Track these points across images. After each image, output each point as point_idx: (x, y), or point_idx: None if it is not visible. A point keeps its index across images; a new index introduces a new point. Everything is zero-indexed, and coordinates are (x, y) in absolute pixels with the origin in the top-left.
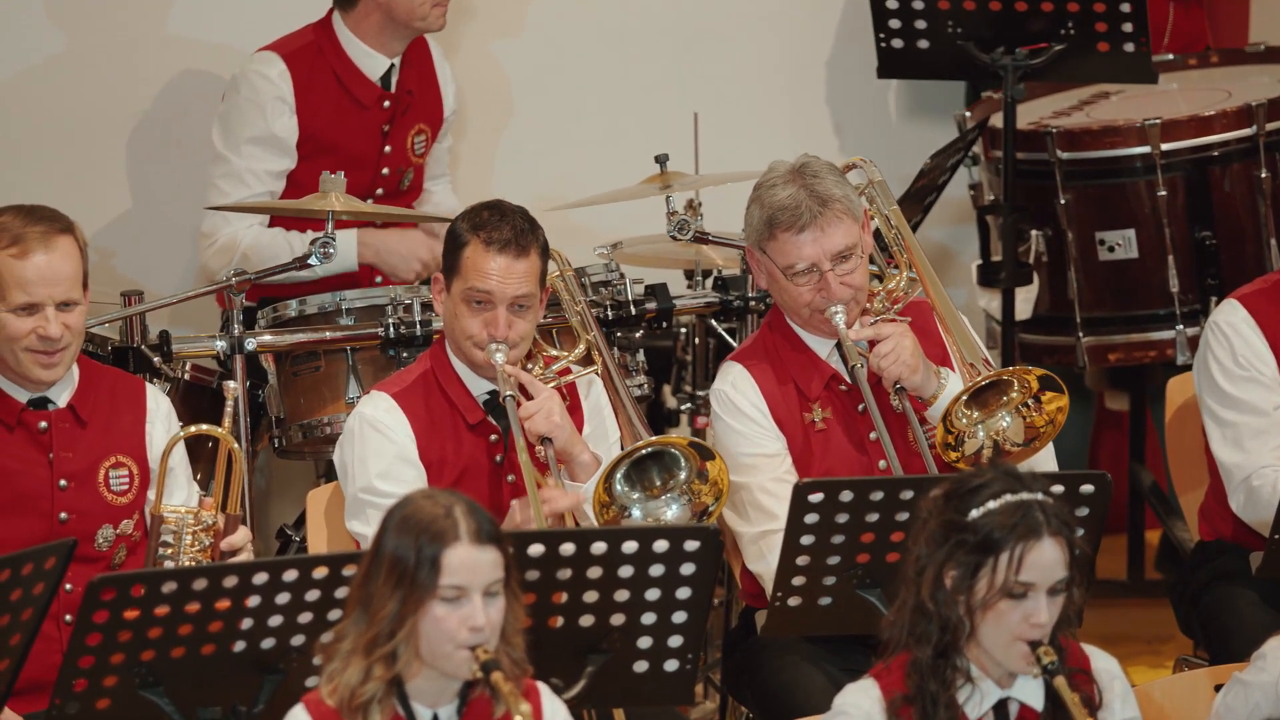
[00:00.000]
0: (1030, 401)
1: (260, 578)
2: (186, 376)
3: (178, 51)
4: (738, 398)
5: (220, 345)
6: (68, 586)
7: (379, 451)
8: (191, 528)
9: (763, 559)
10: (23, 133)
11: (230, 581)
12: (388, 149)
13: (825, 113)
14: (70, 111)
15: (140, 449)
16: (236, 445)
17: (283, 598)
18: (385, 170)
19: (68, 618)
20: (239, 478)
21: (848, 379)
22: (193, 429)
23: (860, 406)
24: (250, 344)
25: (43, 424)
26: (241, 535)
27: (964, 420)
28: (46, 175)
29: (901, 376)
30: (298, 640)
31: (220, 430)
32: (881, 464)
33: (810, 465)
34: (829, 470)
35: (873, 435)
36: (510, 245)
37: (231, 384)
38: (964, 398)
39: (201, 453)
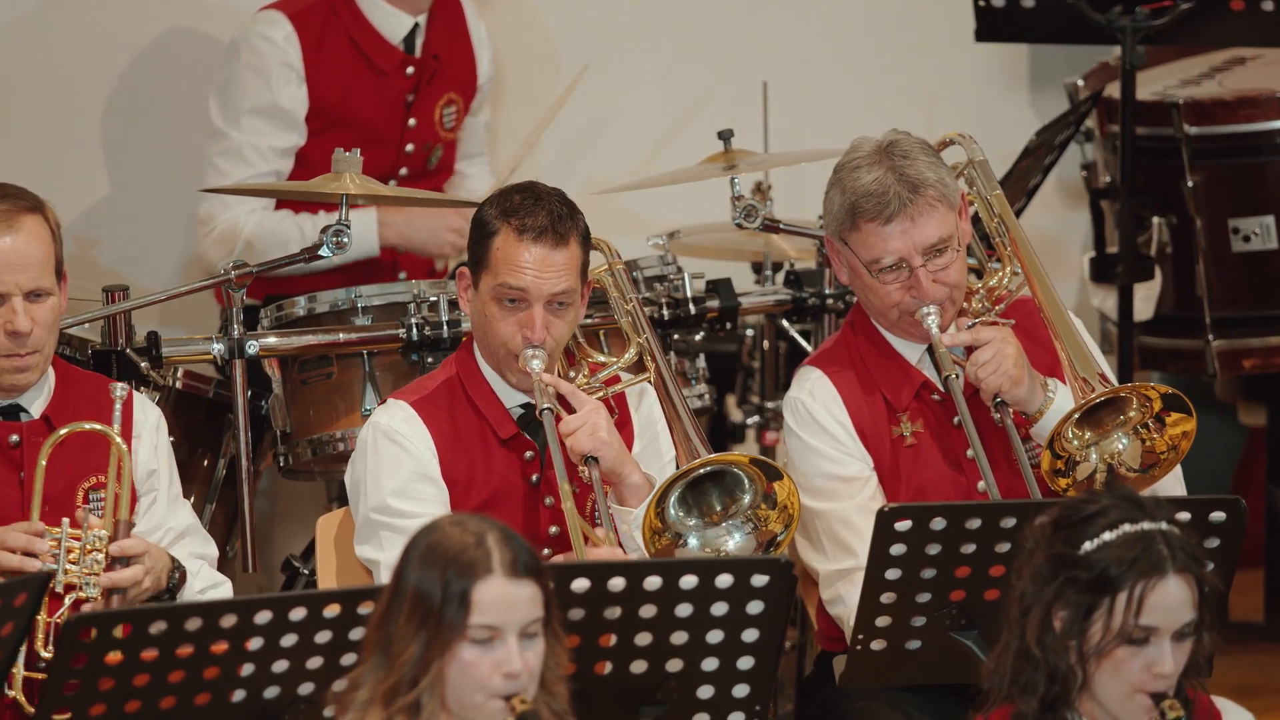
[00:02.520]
0: (1151, 423)
1: (263, 617)
2: (178, 384)
3: (168, 8)
4: (816, 409)
5: (217, 349)
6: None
7: (395, 466)
8: (72, 543)
9: (840, 600)
10: None
11: (229, 621)
12: (412, 122)
13: (913, 82)
14: (42, 78)
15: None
16: (121, 443)
17: (289, 639)
18: (409, 147)
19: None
20: (127, 479)
21: (941, 387)
22: (70, 428)
23: (955, 419)
24: (252, 347)
25: (14, 438)
26: (134, 541)
27: (1074, 442)
28: (14, 152)
29: (1002, 388)
30: (306, 688)
31: (100, 427)
32: (979, 486)
33: (898, 485)
34: (919, 491)
35: (969, 453)
36: (546, 233)
37: None
38: (1074, 417)
39: (196, 473)
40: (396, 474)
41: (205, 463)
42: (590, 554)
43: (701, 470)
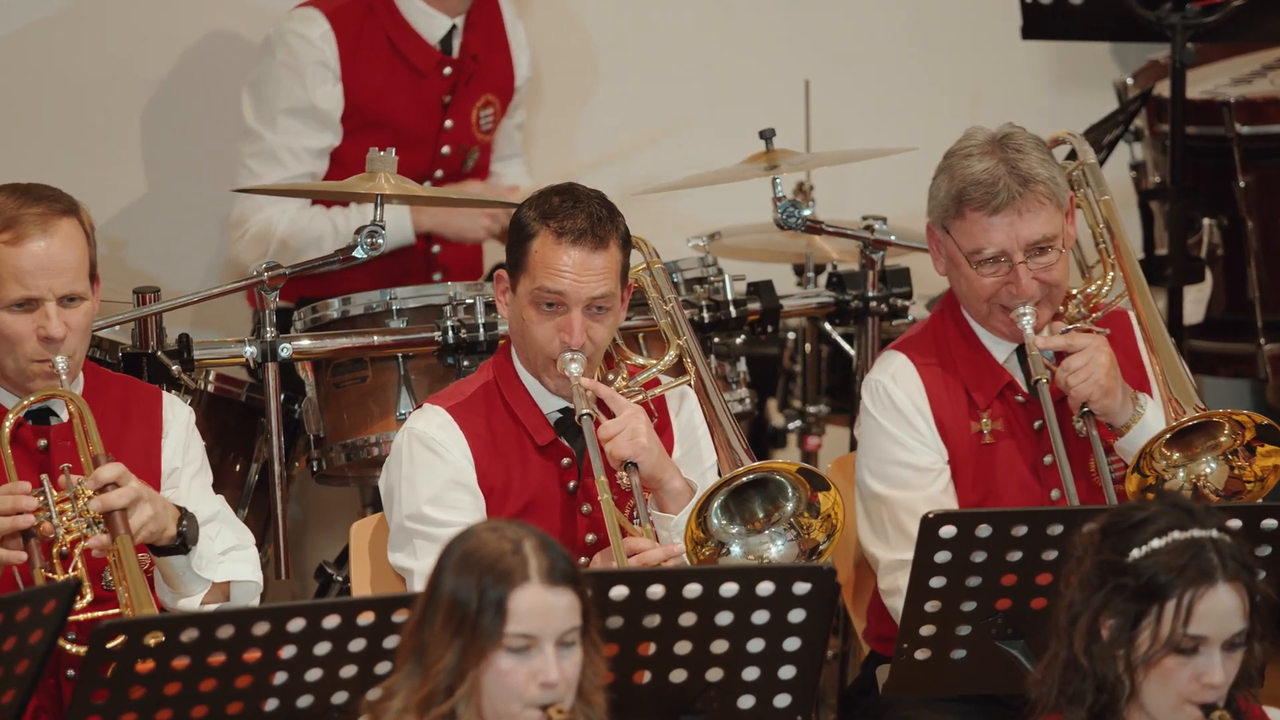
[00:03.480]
0: (1241, 450)
1: (296, 624)
2: (210, 388)
3: (203, 7)
4: (897, 394)
5: (250, 352)
6: (70, 635)
7: (430, 473)
8: (57, 495)
9: (899, 592)
10: (20, 102)
11: (261, 628)
12: (449, 124)
13: (959, 81)
14: (76, 78)
15: (154, 469)
16: (80, 399)
17: (322, 648)
18: (445, 149)
19: (70, 672)
20: (91, 426)
21: (1026, 390)
22: (26, 402)
23: (1037, 424)
24: (285, 350)
25: (42, 442)
26: (110, 467)
27: (1162, 462)
28: (47, 152)
29: (1092, 398)
30: (340, 697)
31: (60, 390)
32: (1055, 494)
33: (973, 483)
34: (992, 492)
35: (1048, 459)
36: (586, 236)
37: None
38: (1165, 437)
39: (228, 478)
40: (432, 482)
41: (237, 467)
42: (628, 545)
43: (745, 478)
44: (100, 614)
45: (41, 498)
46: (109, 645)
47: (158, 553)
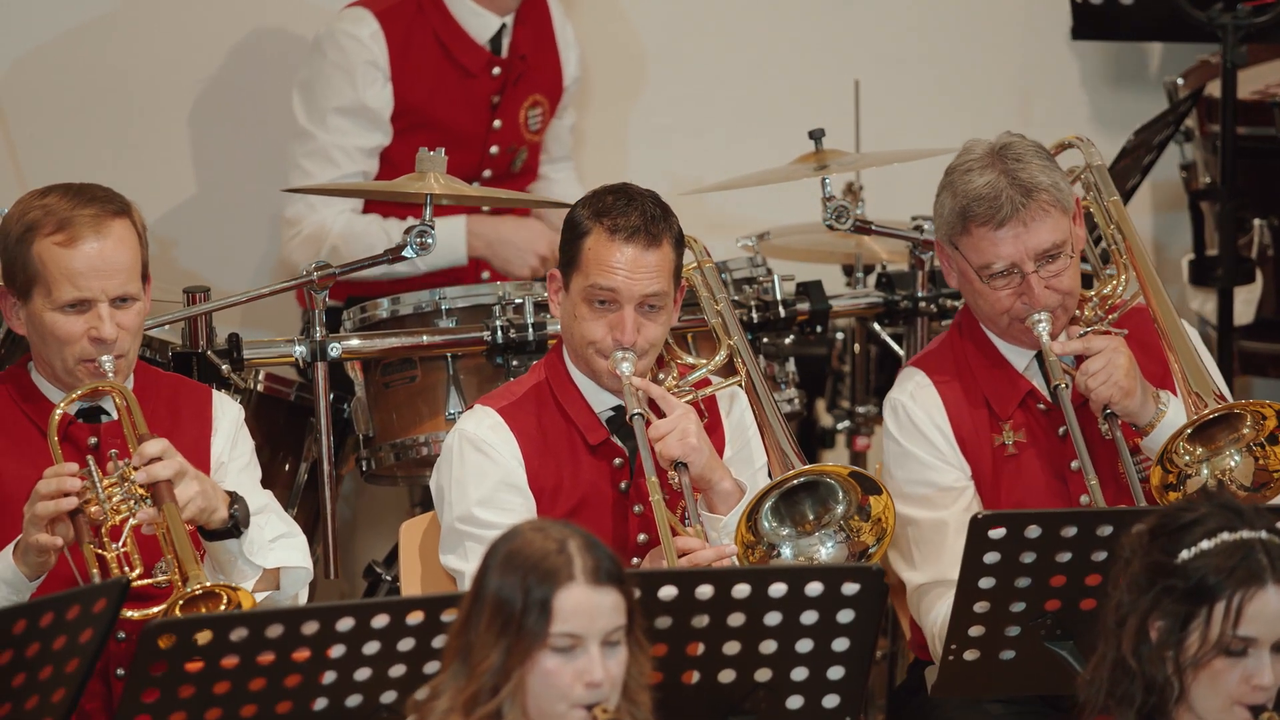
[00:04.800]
0: (1265, 441)
1: (346, 624)
2: (260, 387)
3: (253, 7)
4: (917, 413)
5: (299, 351)
6: (120, 635)
7: (481, 475)
8: (111, 487)
9: (929, 614)
10: (72, 101)
11: (310, 628)
12: (497, 123)
13: (1009, 81)
14: (126, 77)
15: (204, 465)
16: (125, 386)
17: (371, 647)
18: (494, 148)
19: (119, 671)
20: (138, 414)
21: (1048, 396)
22: (75, 395)
23: (1061, 430)
24: (334, 350)
25: (92, 439)
26: (154, 442)
27: (1186, 458)
28: (98, 151)
29: (1113, 399)
30: (388, 696)
31: (107, 382)
32: (1083, 499)
33: (998, 495)
34: (1020, 503)
35: (1074, 465)
36: (639, 234)
37: None
38: (1186, 433)
39: (277, 477)
40: (482, 483)
41: (286, 467)
42: (679, 544)
43: (795, 481)
44: (154, 610)
45: (88, 479)
46: (159, 645)
47: (209, 537)
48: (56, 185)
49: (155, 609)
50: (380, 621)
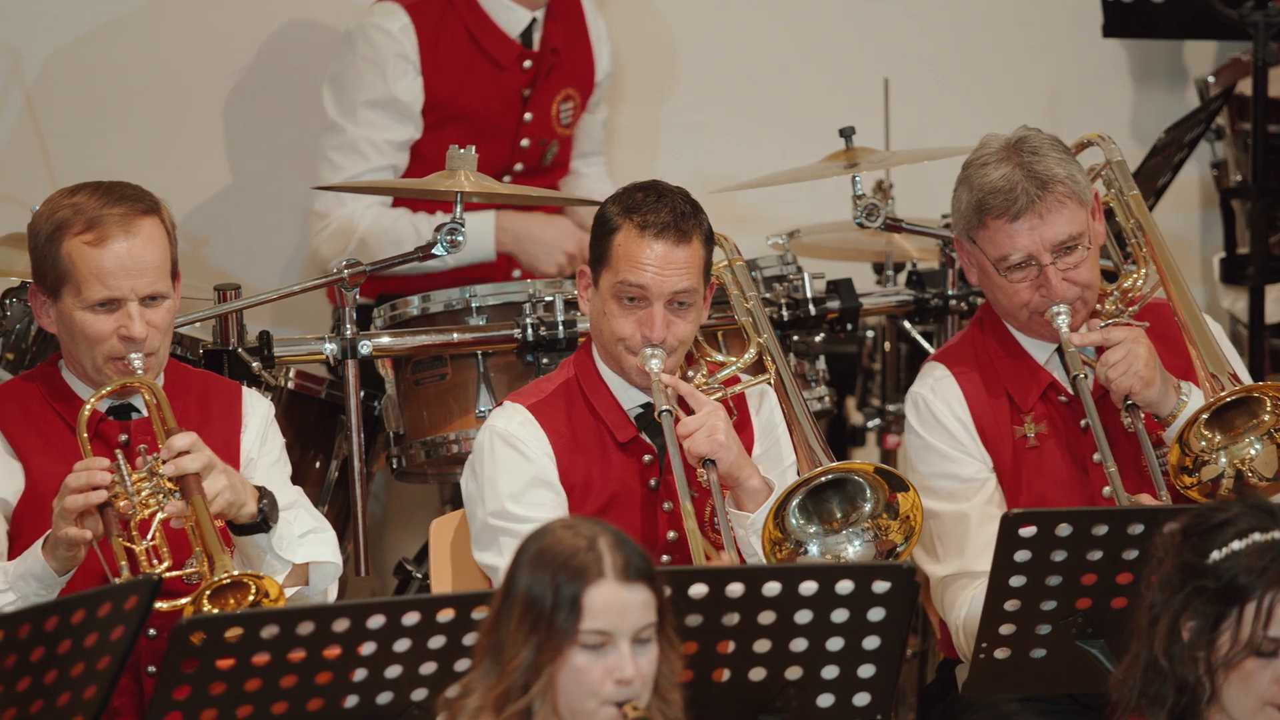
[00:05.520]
0: None
1: (376, 621)
2: (290, 385)
3: (285, 2)
4: (938, 406)
5: (330, 349)
6: (151, 632)
7: (512, 471)
8: (140, 482)
9: (953, 607)
10: (102, 98)
11: (341, 625)
12: (528, 117)
13: (1039, 79)
14: (157, 73)
15: (234, 461)
16: (154, 382)
17: (402, 645)
18: (525, 142)
19: (150, 669)
20: (166, 408)
21: (1069, 388)
22: (105, 391)
23: (1083, 422)
24: (365, 347)
25: (123, 436)
26: (182, 435)
27: (1202, 442)
28: (128, 148)
29: (1133, 390)
30: (419, 694)
31: (136, 378)
32: (1105, 491)
33: (1020, 488)
34: (1042, 495)
35: (1096, 457)
36: (669, 230)
37: None
38: (1204, 415)
39: (308, 474)
40: (514, 479)
41: (317, 464)
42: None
43: (823, 479)
44: (182, 601)
45: (116, 474)
46: (190, 642)
47: (238, 531)
48: (86, 184)
49: (183, 600)
50: (411, 619)
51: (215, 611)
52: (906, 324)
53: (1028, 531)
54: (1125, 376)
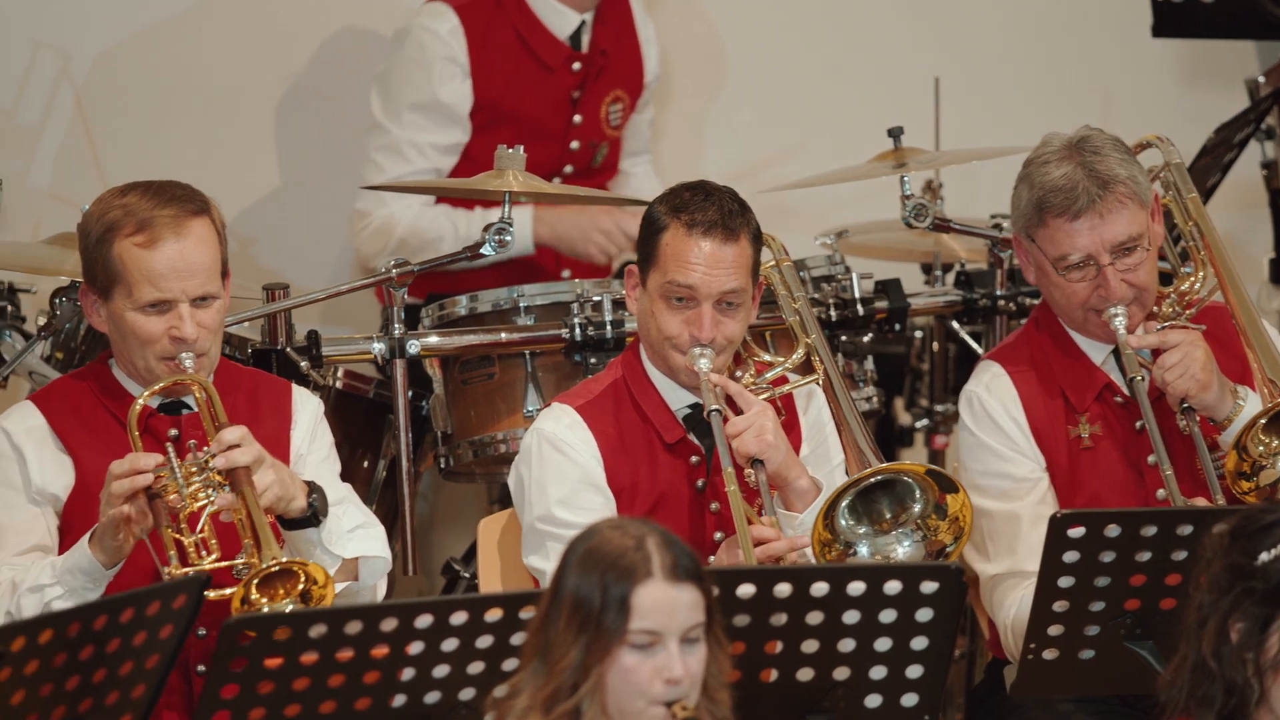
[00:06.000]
0: None
1: (424, 621)
2: (339, 384)
3: (335, 3)
4: (992, 404)
5: (378, 348)
6: (200, 631)
7: (560, 474)
8: (190, 475)
9: (1001, 606)
10: (152, 98)
11: (390, 625)
12: (577, 119)
13: (1088, 78)
14: (207, 73)
15: (284, 458)
16: (206, 380)
17: (450, 644)
18: (574, 144)
19: (200, 668)
20: (218, 404)
21: (1125, 390)
22: (156, 388)
23: (1138, 424)
24: (413, 347)
25: (173, 431)
26: (232, 429)
27: (1260, 447)
28: (178, 148)
29: (1189, 393)
30: (467, 694)
31: (188, 375)
32: (1160, 493)
33: (1074, 489)
34: (1096, 496)
35: (1151, 459)
36: (716, 229)
37: None
38: (1262, 421)
39: (356, 474)
40: (562, 483)
41: (365, 464)
42: (754, 533)
43: (872, 479)
44: (228, 591)
45: (166, 467)
46: (239, 641)
47: (288, 526)
48: (136, 184)
49: (229, 590)
50: (459, 618)
51: (263, 600)
52: (955, 324)
53: (1076, 532)
54: (1182, 379)
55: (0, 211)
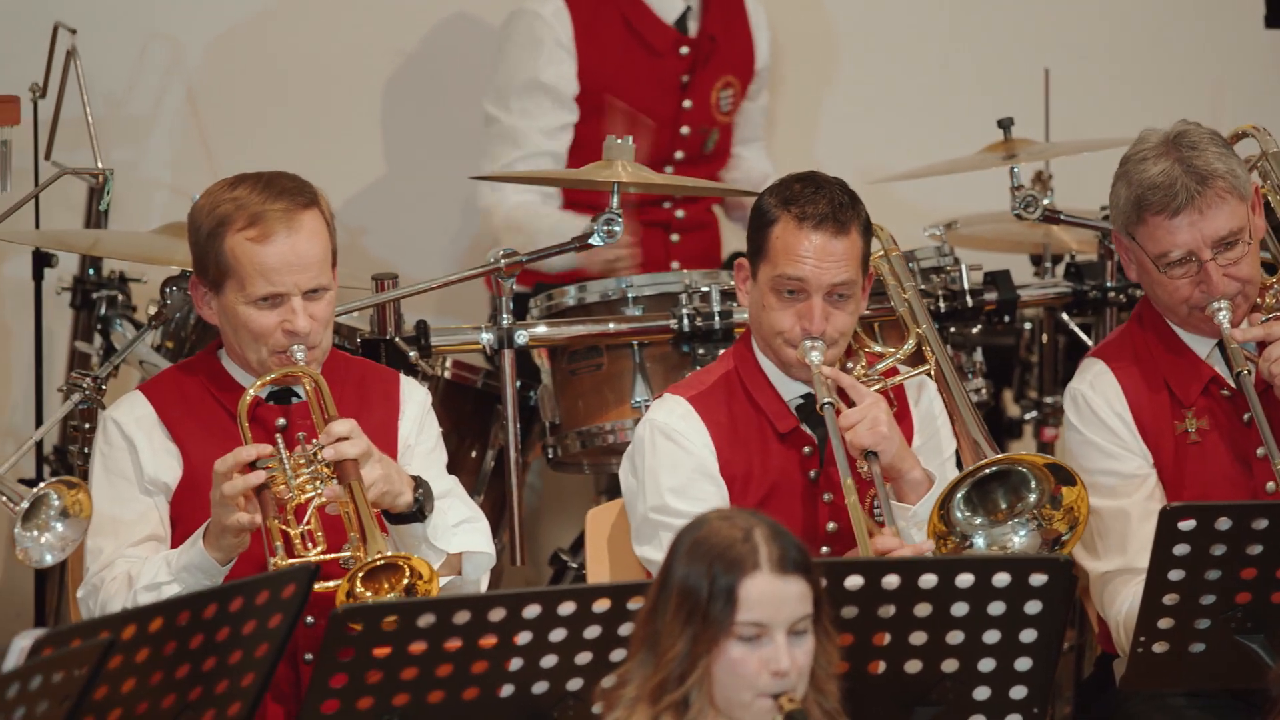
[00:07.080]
0: None
1: (532, 611)
2: (447, 374)
3: None
4: (1097, 402)
5: (486, 338)
6: (309, 619)
7: (674, 464)
8: (299, 466)
9: (1113, 604)
10: (261, 87)
11: (497, 615)
12: (688, 104)
13: (1200, 70)
14: (316, 62)
15: (391, 448)
16: (316, 373)
17: (558, 634)
18: (685, 129)
19: (308, 656)
20: (327, 395)
21: (1231, 383)
22: (267, 379)
23: (1245, 417)
24: (521, 337)
25: (281, 421)
26: (341, 422)
27: None
28: (287, 137)
29: None
30: (575, 684)
31: (298, 368)
32: (1270, 486)
33: (1182, 484)
34: (1204, 490)
35: (1260, 452)
36: (827, 221)
37: None
38: None
39: (464, 464)
40: (675, 472)
41: (473, 454)
42: (875, 545)
43: (988, 470)
44: (332, 584)
45: (275, 458)
46: (347, 630)
47: (394, 520)
48: (245, 176)
49: (334, 582)
50: (567, 609)
51: (367, 594)
52: (1065, 316)
53: (1186, 525)
54: None
55: (111, 201)
